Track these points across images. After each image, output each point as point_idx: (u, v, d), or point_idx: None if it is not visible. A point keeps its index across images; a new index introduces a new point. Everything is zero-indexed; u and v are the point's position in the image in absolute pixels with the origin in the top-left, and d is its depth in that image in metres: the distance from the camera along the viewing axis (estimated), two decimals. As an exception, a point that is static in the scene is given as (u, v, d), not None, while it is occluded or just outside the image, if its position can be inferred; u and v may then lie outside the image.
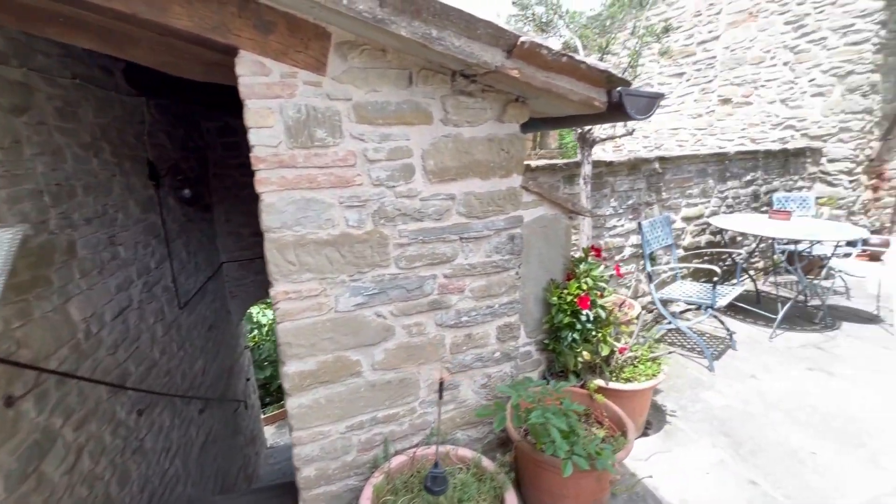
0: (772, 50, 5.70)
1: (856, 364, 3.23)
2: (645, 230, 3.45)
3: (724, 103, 6.36)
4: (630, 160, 3.62)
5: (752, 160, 4.61)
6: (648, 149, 7.61)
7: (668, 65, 7.04)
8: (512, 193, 2.01)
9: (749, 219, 4.15)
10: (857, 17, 4.89)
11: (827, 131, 5.29)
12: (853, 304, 4.38)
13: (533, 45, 1.60)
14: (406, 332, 1.95)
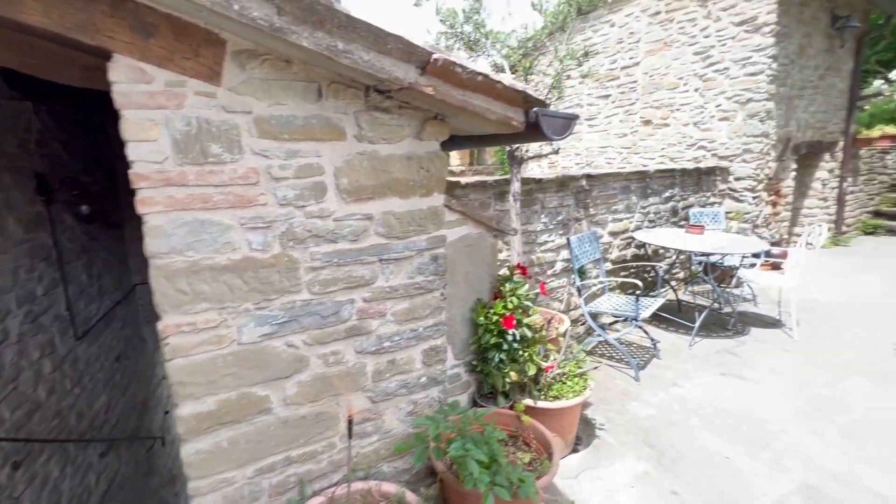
0: (684, 77, 6.21)
1: (762, 367, 3.49)
2: (573, 246, 3.55)
3: (645, 124, 6.82)
4: (558, 177, 3.72)
5: (669, 178, 4.94)
6: (580, 165, 7.98)
7: (596, 87, 7.46)
8: (434, 213, 1.96)
9: (668, 233, 4.42)
10: (753, 50, 5.45)
11: (732, 152, 5.82)
12: (760, 310, 4.78)
13: (447, 63, 1.56)
14: (322, 362, 1.81)
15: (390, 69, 1.51)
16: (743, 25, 5.50)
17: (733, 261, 4.54)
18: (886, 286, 5.33)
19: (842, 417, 2.85)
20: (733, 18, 5.58)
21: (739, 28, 5.54)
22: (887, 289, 5.24)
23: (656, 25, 6.44)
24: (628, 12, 6.76)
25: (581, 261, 3.66)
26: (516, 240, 3.12)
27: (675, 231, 4.53)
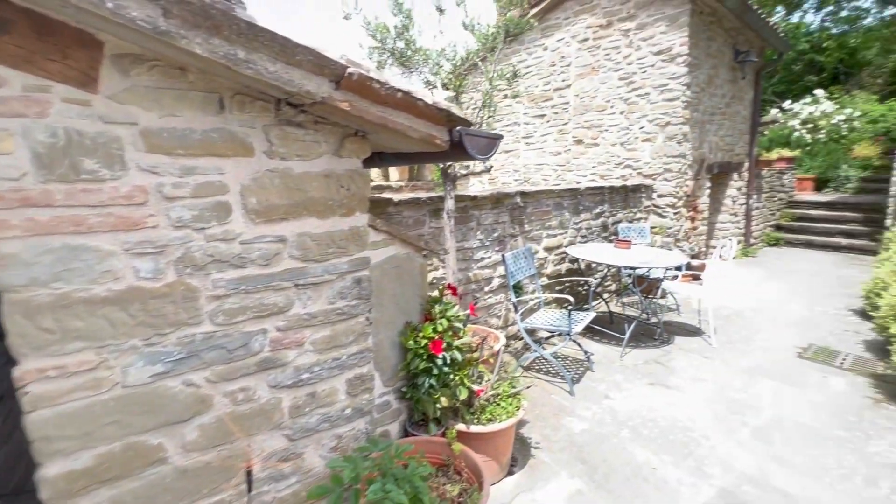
0: (611, 100, 6.61)
1: (686, 375, 3.69)
2: (509, 262, 3.57)
3: (577, 143, 7.16)
4: (493, 194, 3.76)
5: (599, 195, 5.18)
6: (519, 182, 8.21)
7: (532, 107, 7.74)
8: (356, 233, 1.85)
9: (599, 248, 4.60)
10: (670, 78, 5.91)
11: (655, 171, 6.24)
12: (683, 318, 5.09)
13: (363, 78, 1.49)
14: (230, 401, 1.63)
15: (300, 82, 1.40)
16: (660, 55, 5.97)
17: (658, 273, 4.81)
18: (787, 294, 5.90)
19: (753, 419, 3.04)
20: (652, 48, 6.04)
21: (657, 57, 6.00)
22: (788, 296, 5.80)
23: (585, 51, 6.82)
24: (559, 37, 7.11)
25: (517, 277, 3.70)
26: (451, 257, 3.08)
27: (606, 246, 4.74)
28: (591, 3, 6.62)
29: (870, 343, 4.26)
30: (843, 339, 4.38)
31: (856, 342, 4.32)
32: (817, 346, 4.25)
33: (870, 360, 3.89)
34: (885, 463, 2.57)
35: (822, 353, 4.07)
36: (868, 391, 3.39)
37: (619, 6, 6.30)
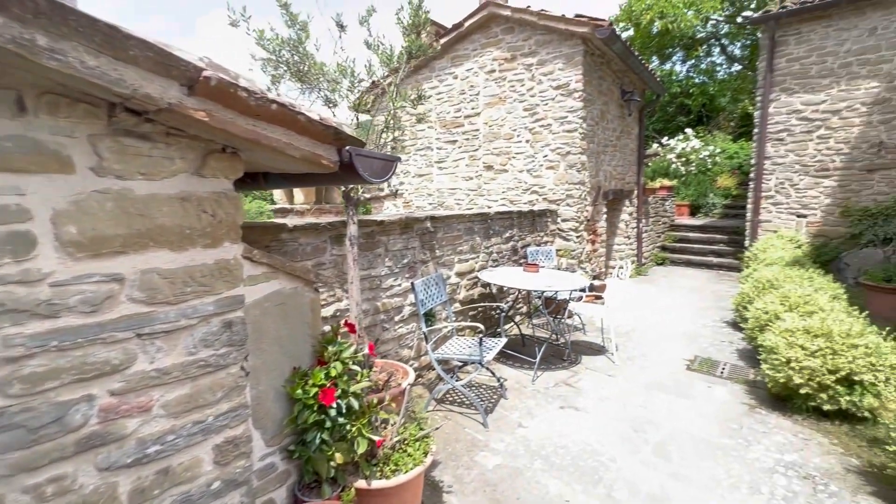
0: (517, 129, 6.92)
1: (593, 395, 3.78)
2: (419, 290, 3.41)
3: (488, 169, 7.35)
4: (402, 219, 3.60)
5: (508, 219, 5.30)
6: (433, 205, 8.20)
7: (444, 132, 7.84)
8: (224, 268, 1.55)
9: (510, 272, 4.65)
10: (568, 111, 6.35)
11: (559, 196, 6.59)
12: (588, 337, 5.31)
13: (225, 84, 1.24)
14: (34, 498, 1.21)
15: (136, 83, 1.12)
16: (559, 90, 6.40)
17: (565, 295, 4.98)
18: (675, 310, 6.50)
19: (654, 435, 3.16)
20: (552, 83, 6.46)
21: (557, 91, 6.42)
22: (676, 311, 6.39)
23: (492, 82, 7.11)
24: (468, 67, 7.34)
25: (428, 305, 3.54)
26: (354, 287, 2.83)
27: (516, 270, 4.80)
28: (496, 38, 6.95)
29: (742, 352, 4.77)
30: (721, 350, 4.86)
31: (731, 351, 4.81)
32: (701, 357, 4.66)
33: (743, 368, 4.33)
34: (763, 468, 2.79)
35: (706, 364, 4.46)
36: (744, 398, 3.73)
37: (522, 42, 6.68)
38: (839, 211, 7.77)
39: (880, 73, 7.16)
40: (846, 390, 3.14)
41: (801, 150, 8.00)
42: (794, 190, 8.17)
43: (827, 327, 3.35)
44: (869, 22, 7.16)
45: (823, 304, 4.05)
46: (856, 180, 7.58)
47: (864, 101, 7.35)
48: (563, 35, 6.23)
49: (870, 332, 3.29)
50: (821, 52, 7.62)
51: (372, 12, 3.07)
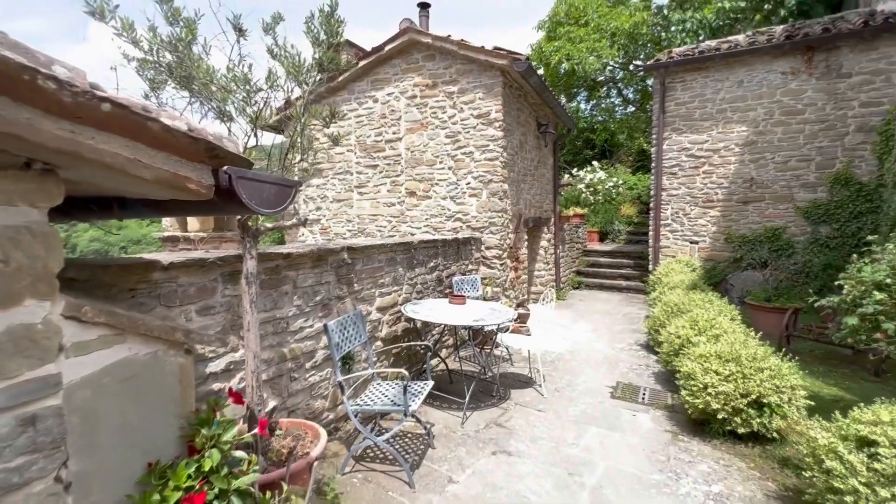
0: (440, 156, 6.81)
1: (525, 436, 3.57)
2: (333, 332, 2.98)
3: (410, 195, 7.13)
4: (314, 251, 3.17)
5: (433, 248, 5.06)
6: (353, 232, 7.74)
7: (364, 156, 7.50)
8: (25, 337, 1.06)
9: (435, 305, 4.37)
10: (490, 140, 6.39)
11: (482, 224, 6.54)
12: (516, 368, 5.18)
13: (13, 67, 0.82)
14: None
15: None
16: (480, 119, 6.44)
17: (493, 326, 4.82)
18: (593, 333, 6.68)
19: (589, 478, 3.01)
20: (473, 111, 6.48)
21: (478, 120, 6.45)
22: (594, 336, 6.56)
23: (414, 107, 6.98)
24: (389, 91, 7.15)
25: (344, 348, 3.11)
26: (251, 336, 2.34)
27: (441, 302, 4.54)
28: (417, 64, 6.87)
29: (658, 375, 4.93)
30: (640, 374, 4.99)
31: (648, 375, 4.96)
32: (623, 383, 4.72)
33: (661, 392, 4.45)
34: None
35: (628, 391, 4.51)
36: (666, 424, 3.78)
37: (443, 70, 6.67)
38: (723, 238, 8.72)
39: (748, 119, 8.28)
40: (757, 413, 3.27)
41: (691, 183, 8.92)
42: (686, 219, 9.04)
43: (736, 351, 3.51)
44: (737, 76, 8.30)
45: (727, 327, 4.32)
46: (734, 211, 8.58)
47: (737, 143, 8.42)
48: (483, 66, 6.32)
49: (770, 354, 3.51)
50: (702, 99, 8.65)
51: (279, 20, 2.71)
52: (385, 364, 4.16)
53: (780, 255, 8.08)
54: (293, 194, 1.42)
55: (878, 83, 7.24)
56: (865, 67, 7.31)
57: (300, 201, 8.21)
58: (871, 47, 7.23)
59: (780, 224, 8.17)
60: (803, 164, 7.93)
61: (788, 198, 8.09)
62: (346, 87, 7.52)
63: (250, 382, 2.31)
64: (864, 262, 3.59)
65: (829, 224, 7.78)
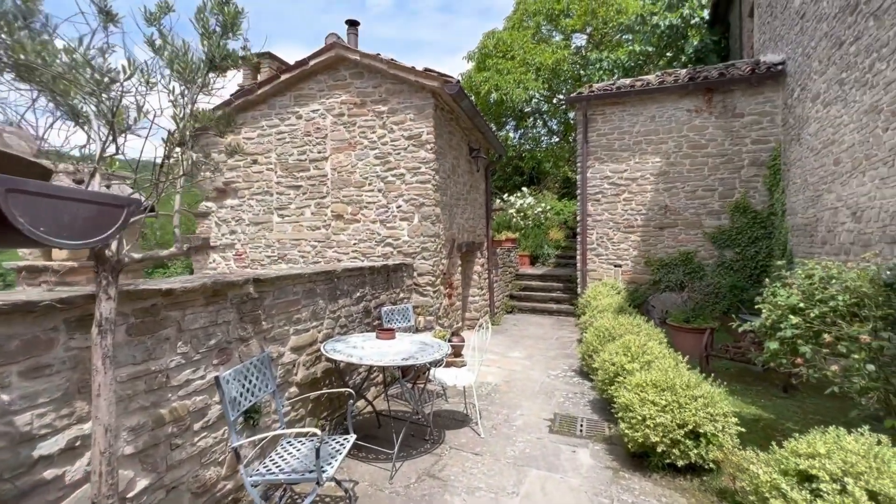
0: (369, 177, 6.44)
1: (461, 486, 3.20)
2: (229, 386, 2.43)
3: (337, 219, 6.64)
4: (207, 285, 2.62)
5: (359, 277, 4.62)
6: (273, 258, 7.03)
7: (286, 176, 6.91)
8: None
9: (360, 341, 3.91)
10: (421, 162, 6.16)
11: (414, 249, 6.22)
12: (450, 404, 4.81)
13: None
14: None
15: None
16: (411, 140, 6.20)
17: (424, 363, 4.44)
18: (528, 360, 6.55)
19: (532, 533, 2.70)
20: (403, 133, 6.23)
21: (409, 142, 6.21)
22: (529, 363, 6.42)
23: (341, 126, 6.58)
24: (314, 108, 6.71)
25: (245, 402, 2.57)
26: (103, 402, 1.76)
27: (368, 336, 4.09)
28: (345, 81, 6.52)
29: (594, 403, 4.83)
30: (576, 403, 4.86)
31: (585, 404, 4.85)
32: (561, 415, 4.55)
33: (599, 422, 4.32)
34: (643, 553, 2.54)
35: (566, 423, 4.34)
36: (607, 459, 3.61)
37: (372, 89, 6.38)
38: (644, 261, 9.19)
39: (661, 151, 8.92)
40: (693, 443, 3.20)
41: (613, 209, 9.36)
42: (610, 243, 9.44)
43: (670, 379, 3.47)
44: (650, 111, 8.96)
45: (657, 352, 4.34)
46: (652, 236, 9.11)
47: (652, 172, 9.02)
48: (414, 87, 6.13)
49: (702, 381, 3.51)
50: (620, 131, 9.21)
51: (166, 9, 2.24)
52: (302, 412, 3.60)
53: (693, 277, 8.65)
54: (124, 218, 0.99)
55: (765, 123, 8.15)
56: (755, 109, 8.21)
57: (212, 224, 7.35)
58: (758, 92, 8.15)
59: (692, 248, 8.79)
60: (709, 194, 8.64)
61: (698, 224, 8.74)
62: (266, 102, 6.94)
63: (97, 468, 1.73)
64: (776, 286, 3.77)
65: (732, 248, 8.49)
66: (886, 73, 4.29)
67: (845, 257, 5.16)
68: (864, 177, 4.73)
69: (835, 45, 5.56)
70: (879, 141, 4.40)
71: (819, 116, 6.13)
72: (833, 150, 5.62)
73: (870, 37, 4.62)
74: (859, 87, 4.86)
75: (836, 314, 3.11)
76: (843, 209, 5.28)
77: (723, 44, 12.69)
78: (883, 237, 4.32)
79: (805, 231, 6.63)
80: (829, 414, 4.40)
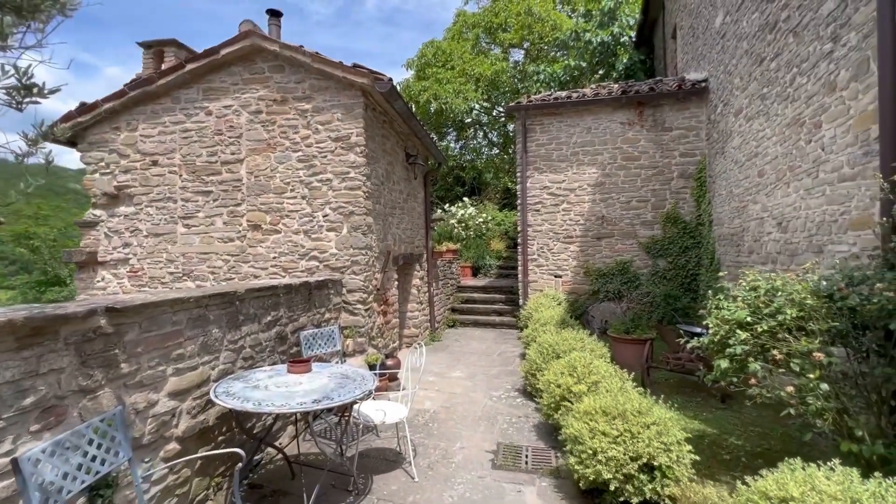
0: (291, 182, 5.74)
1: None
2: (39, 468, 1.70)
3: (254, 229, 5.84)
4: (18, 322, 1.87)
5: (271, 297, 3.93)
6: (176, 275, 6.05)
7: (193, 180, 6.00)
8: None
9: (264, 377, 3.22)
10: (350, 167, 5.57)
11: (343, 263, 5.59)
12: (382, 440, 4.23)
13: None
14: None
15: None
16: (339, 142, 5.60)
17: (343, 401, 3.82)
18: (469, 380, 6.11)
19: None
20: (330, 134, 5.62)
21: (337, 144, 5.61)
22: (471, 383, 5.98)
23: (259, 125, 5.83)
24: (227, 104, 5.90)
25: (76, 485, 1.84)
26: None
27: (278, 371, 3.41)
28: (263, 75, 5.80)
29: (539, 428, 4.47)
30: (520, 429, 4.47)
31: (529, 429, 4.47)
32: (504, 444, 4.12)
33: (544, 451, 3.95)
34: None
35: (510, 454, 3.91)
36: (555, 498, 3.22)
37: (295, 84, 5.72)
38: (583, 271, 9.18)
39: (597, 162, 9.00)
40: (648, 478, 2.88)
41: (553, 219, 9.30)
42: (550, 254, 9.35)
43: (621, 405, 3.15)
44: (586, 122, 9.03)
45: (603, 371, 4.07)
46: (590, 246, 9.13)
47: (589, 183, 9.07)
48: (342, 84, 5.56)
49: (653, 405, 3.23)
50: (558, 142, 9.20)
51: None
52: (187, 474, 2.85)
53: (629, 286, 8.74)
54: None
55: (692, 137, 8.47)
56: (682, 123, 8.52)
57: (101, 236, 6.22)
58: (684, 107, 8.47)
59: (628, 258, 8.90)
60: (642, 204, 8.82)
61: (633, 234, 8.88)
62: (169, 95, 6.02)
63: None
64: (719, 298, 3.63)
65: (664, 258, 8.69)
66: (807, 86, 4.40)
67: (772, 266, 5.28)
68: (789, 188, 4.84)
69: (755, 61, 5.77)
70: (803, 152, 4.51)
71: (742, 130, 6.37)
72: (757, 162, 5.80)
73: (790, 53, 4.76)
74: (781, 101, 5.01)
75: (783, 328, 2.96)
76: (768, 219, 5.42)
77: (648, 63, 13.38)
78: (809, 246, 4.39)
79: (732, 241, 6.85)
80: (765, 424, 4.36)
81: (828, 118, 4.05)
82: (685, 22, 9.67)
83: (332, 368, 3.42)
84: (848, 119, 3.73)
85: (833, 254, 3.98)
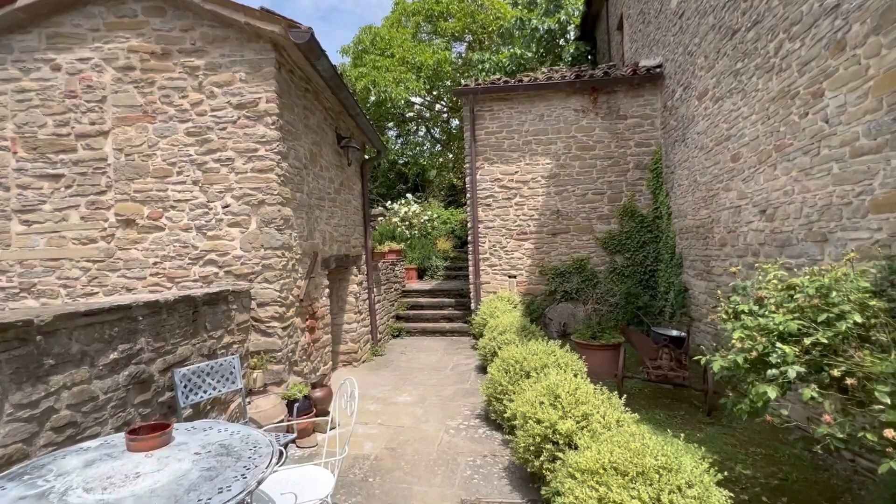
0: (178, 163, 4.33)
1: None
2: None
3: (126, 225, 4.35)
4: None
5: (119, 322, 2.59)
6: (11, 292, 4.38)
7: (35, 158, 4.38)
8: None
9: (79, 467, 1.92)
10: (260, 142, 4.28)
11: (252, 269, 4.28)
12: (302, 514, 3.02)
13: None
14: None
15: None
16: (243, 110, 4.28)
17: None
18: (419, 407, 5.03)
19: None
20: (231, 99, 4.29)
21: (240, 112, 4.28)
22: (421, 411, 4.91)
23: (130, 85, 4.35)
24: (83, 56, 4.35)
25: None
26: None
27: (113, 446, 2.11)
28: (135, 18, 4.33)
29: (511, 472, 3.51)
30: (487, 477, 3.47)
31: (499, 475, 3.49)
32: (470, 501, 3.10)
33: (523, 511, 2.98)
34: None
35: (480, 520, 2.90)
36: None
37: (181, 32, 4.32)
38: (538, 270, 8.45)
39: (550, 152, 8.31)
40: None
41: (505, 215, 8.48)
42: (503, 252, 8.52)
43: (638, 457, 2.24)
44: (539, 109, 8.31)
45: (592, 396, 3.17)
46: (546, 243, 8.42)
47: (543, 175, 8.35)
48: (246, 34, 4.26)
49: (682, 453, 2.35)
50: (509, 130, 8.39)
51: None
52: None
53: (587, 285, 8.11)
54: None
55: (647, 126, 8.02)
56: (637, 111, 8.04)
57: None
58: (638, 94, 8.00)
59: (585, 255, 8.29)
60: (598, 197, 8.25)
61: (589, 229, 8.28)
62: None
63: None
64: (735, 300, 2.87)
65: (622, 254, 8.17)
66: (801, 52, 3.83)
67: (754, 259, 4.74)
68: (776, 170, 4.29)
69: (725, 35, 5.25)
70: (796, 128, 3.94)
71: (708, 113, 5.87)
72: (730, 145, 5.29)
73: (774, 17, 4.21)
74: (763, 74, 4.45)
75: (845, 341, 2.21)
76: (748, 207, 4.89)
77: (593, 58, 13.11)
78: (808, 235, 3.82)
79: (697, 233, 6.38)
80: (765, 443, 3.75)
81: (832, 84, 3.46)
82: (633, 9, 9.30)
83: (208, 435, 2.17)
84: (866, 81, 3.13)
85: (844, 242, 3.39)
